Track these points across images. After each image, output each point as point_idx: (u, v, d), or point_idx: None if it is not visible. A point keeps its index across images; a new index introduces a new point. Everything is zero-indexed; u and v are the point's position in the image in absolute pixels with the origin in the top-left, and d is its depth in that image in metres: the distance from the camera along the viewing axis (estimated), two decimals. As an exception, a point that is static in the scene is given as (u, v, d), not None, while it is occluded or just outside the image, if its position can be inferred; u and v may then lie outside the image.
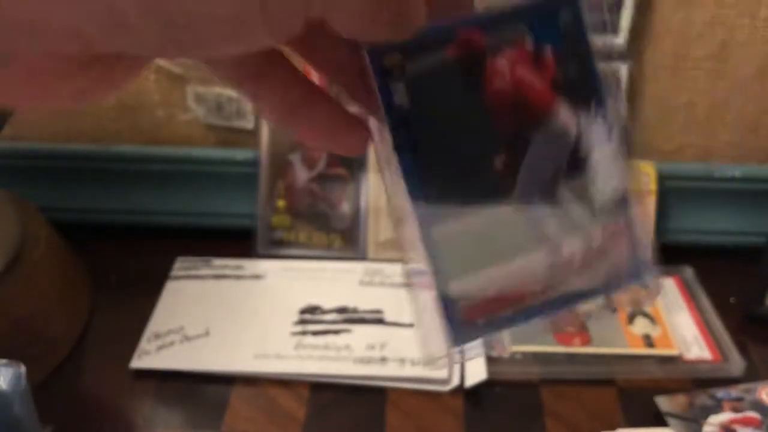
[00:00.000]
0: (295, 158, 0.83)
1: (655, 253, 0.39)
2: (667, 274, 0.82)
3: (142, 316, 0.75)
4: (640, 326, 0.75)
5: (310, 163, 0.83)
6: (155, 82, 0.84)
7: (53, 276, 0.74)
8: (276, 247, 0.83)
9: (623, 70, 0.82)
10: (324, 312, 0.76)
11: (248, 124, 0.85)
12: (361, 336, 0.73)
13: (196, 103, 0.85)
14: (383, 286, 0.79)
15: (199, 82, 0.84)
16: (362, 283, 0.79)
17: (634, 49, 0.81)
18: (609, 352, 0.72)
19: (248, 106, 0.84)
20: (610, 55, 0.80)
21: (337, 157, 0.82)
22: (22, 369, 0.53)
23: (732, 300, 0.80)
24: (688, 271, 0.82)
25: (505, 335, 0.72)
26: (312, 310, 0.76)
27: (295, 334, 0.73)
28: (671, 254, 0.82)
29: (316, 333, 0.73)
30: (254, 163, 0.83)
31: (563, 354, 0.72)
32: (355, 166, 0.82)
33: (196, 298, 0.77)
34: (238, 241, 0.83)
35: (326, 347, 0.71)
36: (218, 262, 0.82)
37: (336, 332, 0.73)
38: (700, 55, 0.82)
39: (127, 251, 0.83)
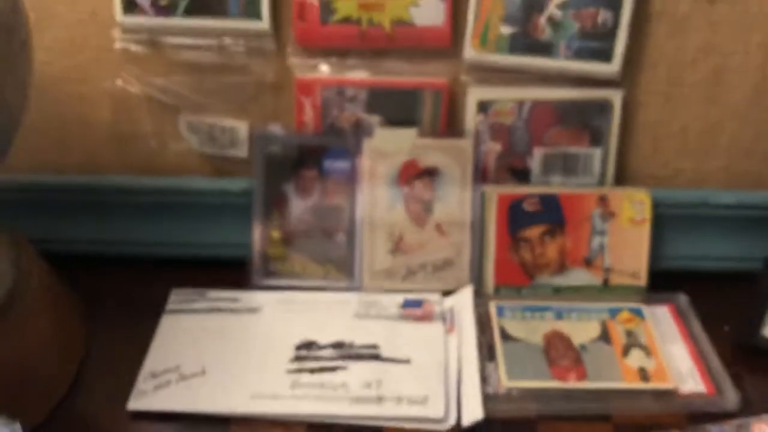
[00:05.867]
0: (290, 189, 0.82)
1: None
2: (662, 301, 0.82)
3: (138, 351, 0.75)
4: (635, 358, 0.75)
5: (305, 194, 0.82)
6: (147, 111, 0.83)
7: (47, 314, 0.74)
8: (271, 278, 0.83)
9: (617, 97, 0.81)
10: (320, 347, 0.75)
11: (242, 153, 0.84)
12: (357, 373, 0.73)
13: (189, 133, 0.84)
14: (379, 318, 0.79)
15: (192, 111, 0.83)
16: (358, 315, 0.79)
17: (628, 76, 0.81)
18: (605, 387, 0.72)
19: (242, 135, 0.84)
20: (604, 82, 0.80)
21: (331, 188, 0.82)
22: (17, 426, 0.53)
23: (726, 328, 0.80)
24: (683, 299, 0.82)
25: (501, 371, 0.73)
26: (308, 345, 0.76)
27: (291, 372, 0.73)
28: (666, 281, 0.83)
29: (312, 371, 0.73)
30: (248, 193, 0.82)
31: (559, 390, 0.72)
32: (351, 196, 0.82)
33: (191, 333, 0.77)
34: (233, 271, 0.83)
35: (322, 386, 0.71)
36: (213, 293, 0.82)
37: (332, 369, 0.73)
38: (693, 81, 0.82)
39: (122, 283, 0.83)
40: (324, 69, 0.81)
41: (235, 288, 0.82)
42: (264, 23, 0.78)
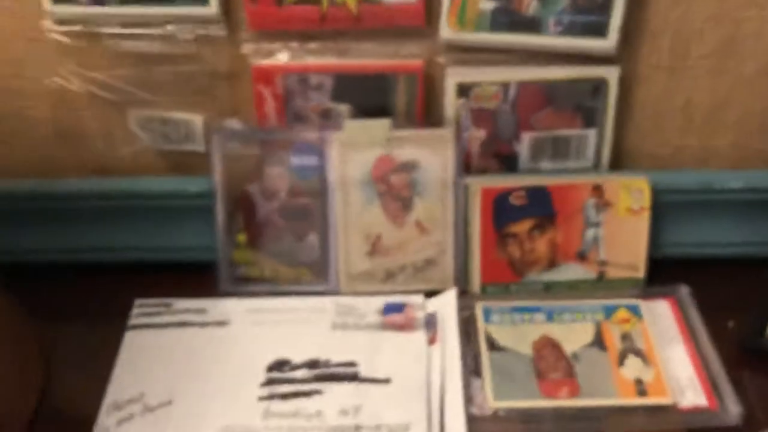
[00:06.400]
0: (254, 189, 0.75)
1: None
2: (661, 295, 0.77)
3: (100, 373, 0.70)
4: (632, 368, 0.70)
5: (270, 194, 0.75)
6: (91, 109, 0.75)
7: (4, 349, 0.68)
8: (240, 284, 0.77)
9: (613, 74, 0.72)
10: (293, 367, 0.70)
11: (199, 147, 0.77)
12: (333, 398, 0.68)
13: (141, 130, 0.76)
14: (357, 329, 0.73)
15: (141, 106, 0.75)
16: (335, 326, 0.74)
17: (626, 50, 0.72)
18: (598, 404, 0.67)
19: (197, 128, 0.76)
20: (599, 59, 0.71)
21: (299, 187, 0.75)
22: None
23: (730, 324, 0.75)
24: (684, 291, 0.77)
25: (488, 389, 0.68)
26: (280, 366, 0.70)
27: (262, 398, 0.68)
28: (666, 270, 0.77)
29: (285, 396, 0.68)
30: (209, 194, 0.75)
31: (549, 409, 0.67)
32: (321, 195, 0.75)
33: (157, 354, 0.72)
34: (200, 275, 0.77)
35: (296, 414, 0.67)
36: (179, 304, 0.76)
37: (307, 394, 0.68)
38: (700, 53, 0.73)
39: (79, 296, 0.77)
40: (283, 55, 0.72)
41: (202, 295, 0.77)
42: (211, 7, 0.69)
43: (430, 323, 0.73)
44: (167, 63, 0.72)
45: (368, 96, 0.73)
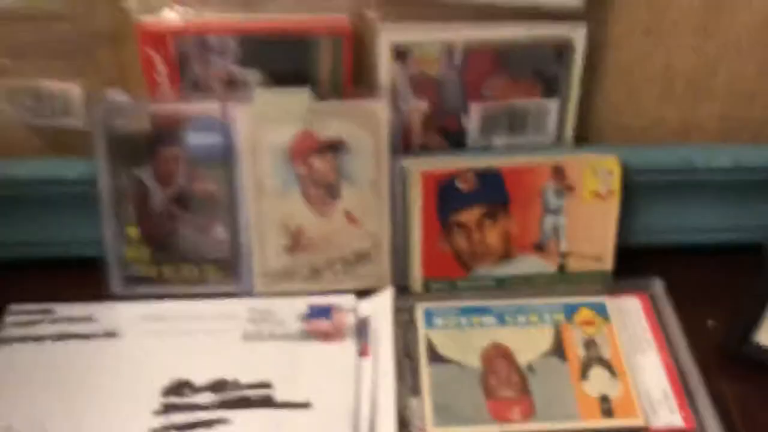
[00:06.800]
0: (146, 173, 0.62)
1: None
2: (631, 290, 0.67)
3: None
4: (596, 382, 0.60)
5: (164, 180, 0.62)
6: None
7: None
8: (133, 286, 0.65)
9: (580, 33, 0.60)
10: (195, 390, 0.59)
11: (77, 122, 0.63)
12: (242, 429, 0.56)
13: (7, 102, 0.62)
14: (273, 339, 0.62)
15: (6, 74, 0.61)
16: (246, 337, 0.62)
17: (596, 6, 0.60)
18: (556, 429, 0.57)
19: (75, 99, 0.62)
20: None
21: (200, 170, 0.62)
22: None
23: (710, 324, 0.66)
24: (657, 285, 0.67)
25: (428, 414, 0.57)
26: (179, 388, 0.59)
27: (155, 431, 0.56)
28: (637, 260, 0.68)
29: (182, 428, 0.57)
30: (92, 180, 0.62)
31: (499, 437, 0.57)
32: (227, 180, 0.62)
33: (30, 375, 0.60)
34: (85, 275, 0.65)
35: (196, 451, 0.56)
36: (62, 310, 0.64)
37: (208, 424, 0.57)
38: (682, 10, 0.61)
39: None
40: (175, 11, 0.58)
41: (88, 299, 0.65)
42: (81, -50, 0.55)
43: (362, 331, 0.62)
44: (32, 21, 0.58)
45: (283, 60, 0.61)
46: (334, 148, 0.62)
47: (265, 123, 0.61)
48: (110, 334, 0.63)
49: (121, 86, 0.61)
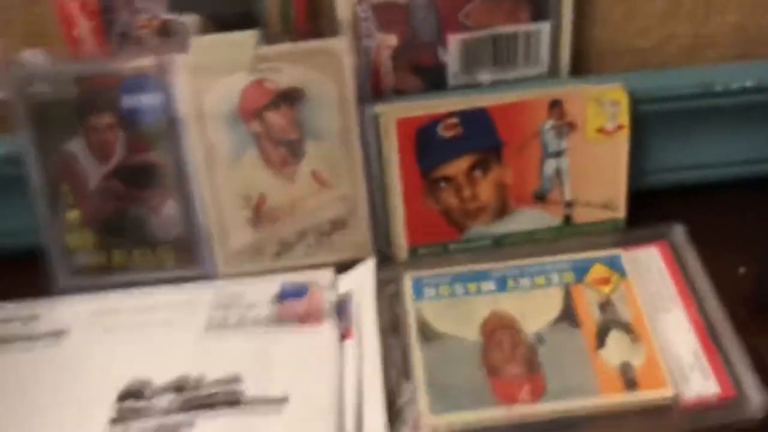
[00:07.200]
0: (77, 147, 0.54)
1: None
2: (649, 239, 0.60)
3: None
4: (616, 349, 0.52)
5: (101, 153, 0.55)
6: None
7: None
8: (81, 277, 0.58)
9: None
10: (154, 392, 0.52)
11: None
12: (209, 433, 0.49)
13: None
14: (242, 326, 0.55)
15: None
16: (211, 326, 0.55)
17: None
18: (572, 409, 0.50)
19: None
20: None
21: (140, 138, 0.54)
22: None
23: (742, 270, 0.58)
24: (678, 231, 0.60)
25: (423, 400, 0.50)
26: (137, 391, 0.52)
27: (110, 443, 0.49)
28: (653, 206, 0.60)
29: (141, 438, 0.49)
30: (18, 159, 0.55)
31: (506, 425, 0.49)
32: (172, 147, 0.54)
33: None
34: (27, 269, 0.58)
35: (156, 465, 0.48)
36: (2, 310, 0.57)
37: (172, 430, 0.50)
38: None
39: None
40: (89, -50, 0.50)
41: (31, 295, 0.58)
42: None
43: (343, 310, 0.55)
44: None
45: (223, 0, 0.53)
46: (291, 98, 0.55)
47: (208, 75, 0.54)
48: (56, 334, 0.57)
49: (37, 47, 0.53)
